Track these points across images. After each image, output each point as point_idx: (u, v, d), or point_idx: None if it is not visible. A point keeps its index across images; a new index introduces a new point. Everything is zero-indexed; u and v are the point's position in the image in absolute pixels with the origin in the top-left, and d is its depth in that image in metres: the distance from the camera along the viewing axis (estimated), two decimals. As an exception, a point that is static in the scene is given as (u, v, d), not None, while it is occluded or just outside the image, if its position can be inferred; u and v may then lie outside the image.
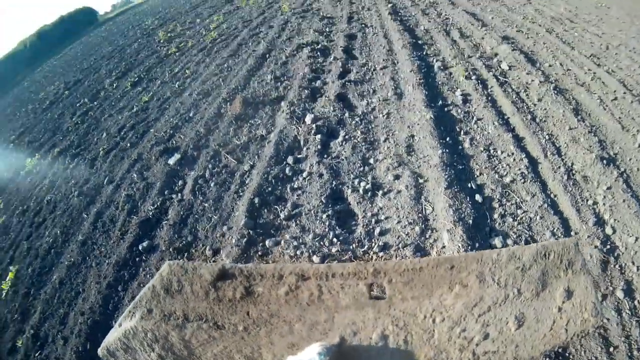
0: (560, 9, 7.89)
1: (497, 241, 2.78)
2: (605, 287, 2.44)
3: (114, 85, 9.38)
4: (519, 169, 3.40)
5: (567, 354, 2.18)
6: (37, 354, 3.26)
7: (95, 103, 8.70)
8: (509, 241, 2.79)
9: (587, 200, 3.06)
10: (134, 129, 6.15)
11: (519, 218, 2.97)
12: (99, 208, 4.50)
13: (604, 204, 2.99)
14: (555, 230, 2.82)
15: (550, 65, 5.20)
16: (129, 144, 5.67)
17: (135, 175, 4.72)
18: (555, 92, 4.44)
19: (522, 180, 3.28)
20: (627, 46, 5.61)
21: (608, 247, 2.69)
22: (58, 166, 6.37)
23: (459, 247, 2.71)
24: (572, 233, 2.81)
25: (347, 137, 4.05)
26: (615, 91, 4.38)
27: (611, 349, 2.16)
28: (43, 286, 3.91)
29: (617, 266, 2.57)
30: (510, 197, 3.16)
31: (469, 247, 2.70)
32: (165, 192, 4.23)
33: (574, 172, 3.36)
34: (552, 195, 3.17)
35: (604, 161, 3.33)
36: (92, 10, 39.32)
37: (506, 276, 1.53)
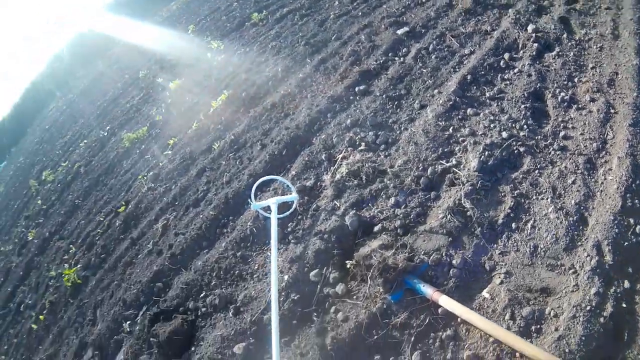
0: None
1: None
2: None
3: None
4: None
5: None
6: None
7: None
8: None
9: None
10: (366, 1, 7.17)
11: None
12: (324, 56, 5.82)
13: None
14: None
15: None
16: (360, 13, 6.78)
17: (363, 37, 5.90)
18: None
19: None
20: None
21: None
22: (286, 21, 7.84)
23: (623, 174, 3.11)
24: None
25: (560, 53, 4.79)
26: None
27: None
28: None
29: None
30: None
31: (630, 180, 3.07)
32: (389, 54, 5.33)
33: None
34: None
35: None
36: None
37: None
